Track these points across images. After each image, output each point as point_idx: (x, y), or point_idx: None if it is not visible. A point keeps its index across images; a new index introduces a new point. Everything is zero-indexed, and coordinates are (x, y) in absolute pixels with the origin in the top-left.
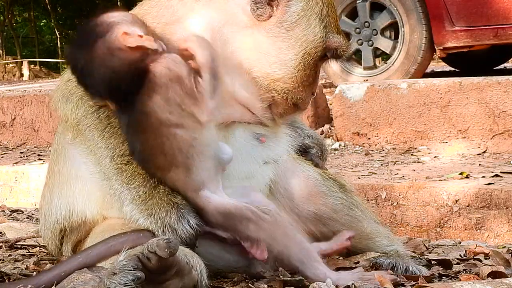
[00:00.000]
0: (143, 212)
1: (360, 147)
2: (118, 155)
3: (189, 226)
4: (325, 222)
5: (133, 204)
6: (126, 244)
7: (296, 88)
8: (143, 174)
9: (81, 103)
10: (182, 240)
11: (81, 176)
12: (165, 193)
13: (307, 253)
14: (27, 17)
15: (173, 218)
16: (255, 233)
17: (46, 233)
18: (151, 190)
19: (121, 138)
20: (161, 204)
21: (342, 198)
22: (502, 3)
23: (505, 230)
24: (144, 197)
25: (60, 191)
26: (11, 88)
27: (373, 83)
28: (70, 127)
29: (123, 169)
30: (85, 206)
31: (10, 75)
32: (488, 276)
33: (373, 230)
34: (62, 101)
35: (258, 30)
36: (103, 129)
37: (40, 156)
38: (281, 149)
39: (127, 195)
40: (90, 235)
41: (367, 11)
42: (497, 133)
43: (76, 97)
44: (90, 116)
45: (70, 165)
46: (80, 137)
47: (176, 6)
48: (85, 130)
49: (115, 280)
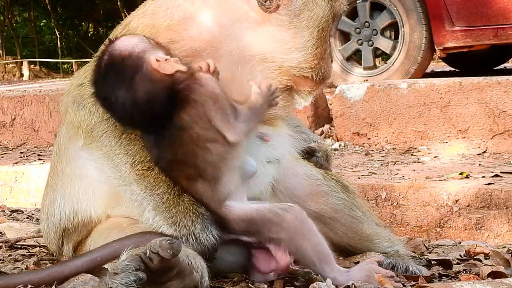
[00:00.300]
0: (167, 219)
1: (360, 147)
2: (139, 161)
3: (212, 236)
4: (326, 221)
5: (156, 210)
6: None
7: (318, 64)
8: (167, 181)
9: (95, 109)
10: (205, 249)
11: (86, 176)
12: (190, 202)
13: (321, 255)
14: (27, 17)
15: (198, 228)
16: (278, 234)
17: (48, 233)
18: (176, 197)
19: (141, 145)
20: (186, 213)
21: (344, 199)
22: (502, 3)
23: (505, 230)
24: (168, 204)
25: (63, 191)
26: (11, 88)
27: (373, 83)
28: (82, 132)
29: (145, 175)
30: (90, 205)
31: (10, 75)
32: (488, 276)
33: (373, 232)
34: (73, 107)
35: (269, 22)
36: (120, 135)
37: (40, 156)
38: (284, 148)
39: (150, 201)
40: (92, 234)
41: (367, 11)
42: (497, 133)
43: (89, 103)
44: (105, 122)
45: (74, 165)
46: (96, 143)
47: (184, 4)
48: (100, 136)
49: (116, 280)
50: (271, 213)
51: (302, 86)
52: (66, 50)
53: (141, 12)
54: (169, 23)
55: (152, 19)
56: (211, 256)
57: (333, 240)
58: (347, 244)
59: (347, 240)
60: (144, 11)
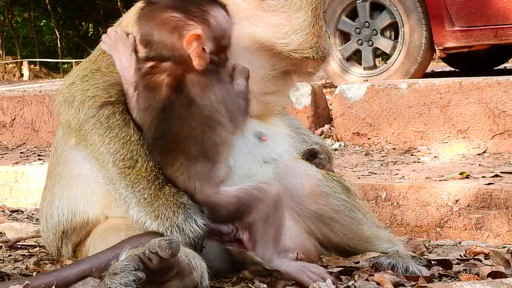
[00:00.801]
0: (149, 214)
1: (360, 147)
2: (119, 159)
3: (197, 225)
4: (326, 221)
5: (139, 206)
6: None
7: (318, 42)
8: (147, 177)
9: (82, 107)
10: (190, 240)
11: (82, 176)
12: (171, 194)
13: (277, 236)
14: (27, 17)
15: (180, 218)
16: (262, 211)
17: (47, 234)
18: (157, 191)
19: (121, 142)
20: (167, 205)
21: (344, 200)
22: (502, 3)
23: (505, 230)
24: (150, 199)
25: (61, 193)
26: (11, 88)
27: (373, 83)
28: (73, 132)
29: (126, 173)
30: (87, 207)
31: (10, 75)
32: (488, 276)
33: (372, 234)
34: (64, 106)
35: (263, 10)
36: (103, 133)
37: (40, 156)
38: (282, 148)
39: (132, 198)
40: (91, 235)
41: (367, 11)
42: (497, 133)
43: (77, 101)
44: (91, 119)
45: (71, 167)
46: (84, 142)
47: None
48: (86, 135)
49: (116, 280)
50: (255, 189)
51: (304, 68)
52: (66, 50)
53: (134, 11)
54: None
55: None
56: (199, 246)
57: (333, 240)
58: (346, 244)
59: (347, 241)
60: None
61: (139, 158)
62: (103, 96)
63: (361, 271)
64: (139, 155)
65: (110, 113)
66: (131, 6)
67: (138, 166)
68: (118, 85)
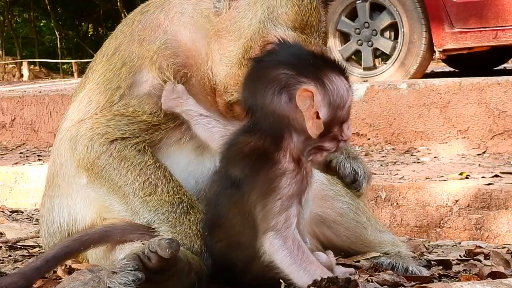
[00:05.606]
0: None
1: (360, 147)
2: (138, 189)
3: (205, 265)
4: (330, 225)
5: (166, 226)
6: (126, 232)
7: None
8: (170, 201)
9: (91, 145)
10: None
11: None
12: (194, 222)
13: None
14: (27, 18)
15: (195, 248)
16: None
17: (48, 240)
18: (182, 216)
19: (137, 171)
20: (187, 233)
21: (349, 203)
22: (501, 5)
23: (505, 230)
24: (173, 223)
25: (60, 202)
26: (11, 88)
27: (373, 84)
28: (84, 171)
29: (148, 200)
30: (87, 213)
31: (10, 76)
32: (488, 276)
33: (375, 239)
34: (71, 144)
35: (220, 33)
36: (117, 167)
37: (39, 157)
38: None
39: (155, 221)
40: None
41: (367, 12)
42: (497, 134)
43: (86, 139)
44: (103, 156)
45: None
46: (99, 180)
47: (164, 23)
48: (101, 172)
49: (115, 279)
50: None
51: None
52: (66, 50)
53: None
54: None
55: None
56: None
57: (335, 243)
58: (349, 247)
59: (349, 244)
60: (131, 37)
61: (159, 182)
62: (115, 134)
63: (362, 271)
64: (157, 179)
65: (121, 147)
66: (131, 6)
67: (159, 191)
68: (133, 124)
